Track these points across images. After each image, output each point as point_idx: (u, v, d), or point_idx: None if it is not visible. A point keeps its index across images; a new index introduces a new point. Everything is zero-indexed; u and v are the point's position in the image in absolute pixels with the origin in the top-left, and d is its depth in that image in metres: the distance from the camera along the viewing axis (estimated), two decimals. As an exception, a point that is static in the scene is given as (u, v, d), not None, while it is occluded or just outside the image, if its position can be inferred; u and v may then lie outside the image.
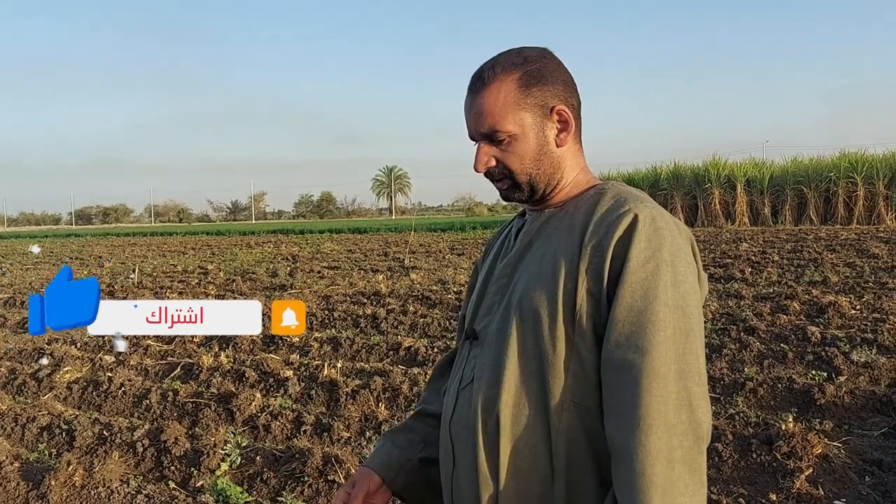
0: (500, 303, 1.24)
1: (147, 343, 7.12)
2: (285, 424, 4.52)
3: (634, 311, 1.08)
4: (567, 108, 1.23)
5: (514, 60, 1.23)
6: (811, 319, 6.97)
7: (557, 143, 1.24)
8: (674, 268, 1.10)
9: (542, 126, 1.22)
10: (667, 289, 1.08)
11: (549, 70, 1.23)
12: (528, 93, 1.21)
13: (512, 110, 1.20)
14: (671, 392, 1.04)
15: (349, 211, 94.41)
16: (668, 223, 1.14)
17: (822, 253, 13.09)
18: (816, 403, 4.52)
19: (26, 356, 6.89)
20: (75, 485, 3.64)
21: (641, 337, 1.06)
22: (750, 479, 3.61)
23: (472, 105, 1.23)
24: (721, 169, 25.94)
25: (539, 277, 1.18)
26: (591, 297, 1.12)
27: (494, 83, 1.21)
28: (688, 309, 1.10)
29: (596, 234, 1.13)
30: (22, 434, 4.64)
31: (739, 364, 5.53)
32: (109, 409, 5.22)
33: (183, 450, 4.07)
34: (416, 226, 28.54)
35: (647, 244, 1.10)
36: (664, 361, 1.05)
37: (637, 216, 1.12)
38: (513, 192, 1.26)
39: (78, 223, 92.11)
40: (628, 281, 1.09)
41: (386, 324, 7.68)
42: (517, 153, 1.22)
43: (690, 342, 1.08)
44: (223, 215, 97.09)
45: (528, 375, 1.16)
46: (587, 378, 1.13)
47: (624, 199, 1.17)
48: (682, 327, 1.08)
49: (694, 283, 1.13)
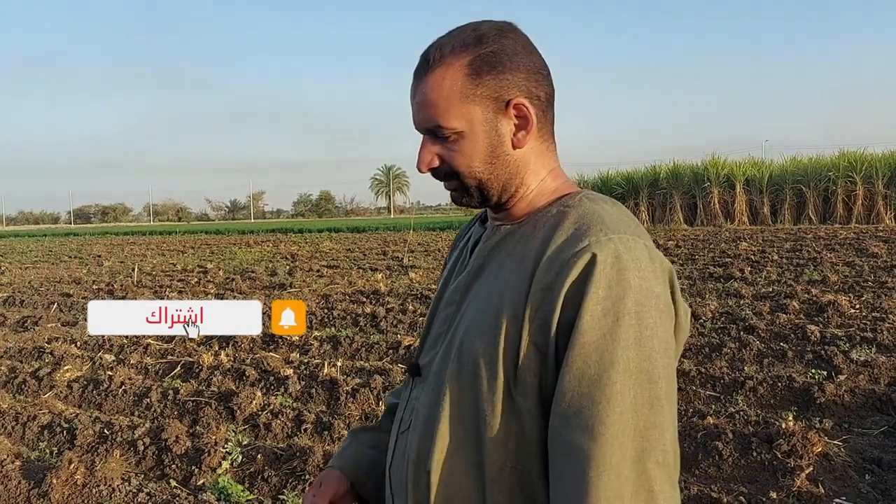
0: (445, 336, 1.07)
1: (147, 342, 7.12)
2: (286, 423, 4.52)
3: (586, 381, 0.89)
4: (528, 102, 1.02)
5: (465, 40, 1.01)
6: (811, 318, 6.98)
7: (514, 144, 1.04)
8: (639, 320, 0.90)
9: (495, 123, 1.02)
10: (627, 350, 0.89)
11: (508, 53, 1.01)
12: (479, 82, 1.00)
13: (458, 103, 1.00)
14: (626, 480, 0.87)
15: (348, 210, 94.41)
16: (638, 260, 0.93)
17: (822, 252, 13.11)
18: (816, 402, 4.53)
19: (26, 355, 6.89)
20: (77, 483, 3.64)
21: (592, 415, 0.88)
22: (750, 478, 3.61)
23: (416, 92, 1.04)
24: (720, 168, 25.97)
25: (482, 318, 0.99)
26: (538, 350, 0.93)
27: (440, 68, 1.01)
28: (654, 372, 0.90)
29: (547, 274, 0.93)
30: (23, 433, 4.64)
31: (739, 363, 5.54)
32: (110, 408, 5.22)
33: (184, 448, 4.07)
34: (414, 225, 28.53)
35: (607, 292, 0.90)
36: (619, 446, 0.87)
37: (595, 255, 0.91)
38: (461, 196, 1.08)
39: (77, 222, 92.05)
40: (580, 341, 0.89)
41: (385, 322, 7.68)
42: (464, 153, 1.03)
43: (655, 413, 0.90)
44: (222, 214, 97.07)
45: (464, 433, 1.00)
46: (530, 443, 0.96)
47: (585, 227, 0.95)
48: (646, 396, 0.89)
49: (666, 336, 0.94)
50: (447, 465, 1.01)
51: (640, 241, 0.96)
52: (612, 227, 0.95)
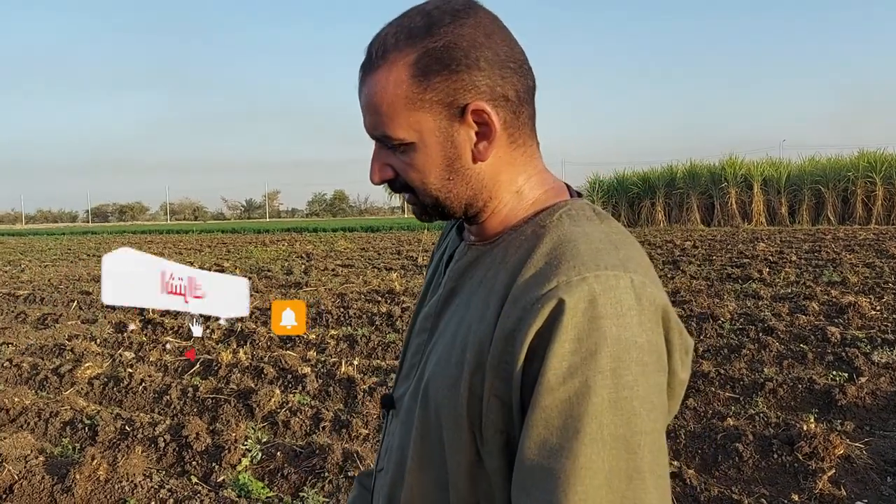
0: (417, 368, 0.95)
1: (166, 340, 7.18)
2: (304, 420, 4.55)
3: (546, 450, 0.74)
4: (490, 106, 0.84)
5: (412, 30, 0.84)
6: (831, 320, 6.92)
7: (475, 156, 0.87)
8: (616, 379, 0.74)
9: (449, 132, 0.85)
10: (599, 416, 0.73)
11: (463, 47, 0.82)
12: (428, 85, 0.83)
13: (404, 110, 0.84)
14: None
15: (362, 209, 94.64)
16: (619, 303, 0.76)
17: (841, 253, 12.99)
18: (837, 404, 4.49)
19: (47, 352, 6.97)
20: (99, 479, 3.68)
21: (553, 490, 0.73)
22: (771, 480, 3.59)
23: (360, 93, 0.88)
24: (737, 168, 25.83)
25: (446, 361, 0.87)
26: (501, 404, 0.80)
27: (383, 67, 0.84)
28: (634, 440, 0.74)
29: (508, 321, 0.79)
30: (45, 429, 4.70)
31: (758, 364, 5.51)
32: (130, 405, 5.27)
33: (204, 445, 4.10)
34: (428, 224, 28.55)
35: (575, 345, 0.74)
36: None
37: (563, 302, 0.75)
38: (421, 213, 0.93)
39: (94, 221, 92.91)
40: (541, 404, 0.74)
41: (401, 322, 7.70)
42: (416, 167, 0.87)
43: (634, 489, 0.74)
44: (238, 213, 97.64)
45: (433, 487, 0.88)
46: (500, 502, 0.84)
47: (557, 261, 0.79)
48: (622, 469, 0.74)
49: (650, 395, 0.77)
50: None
51: (626, 277, 0.78)
52: (590, 262, 0.78)
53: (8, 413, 4.95)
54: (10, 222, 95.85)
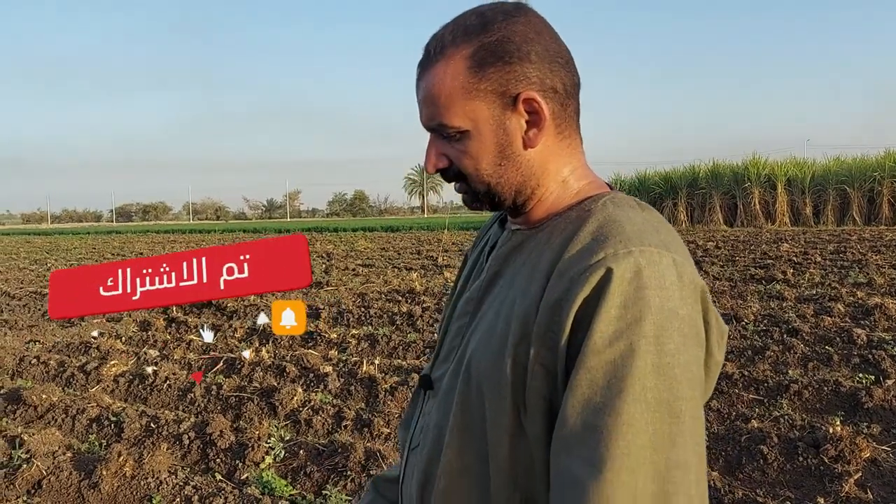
0: (457, 350, 0.99)
1: (190, 338, 7.25)
2: (326, 419, 4.57)
3: (591, 409, 0.78)
4: (540, 95, 0.91)
5: (468, 28, 0.91)
6: (857, 321, 6.83)
7: (526, 143, 0.93)
8: (659, 346, 0.78)
9: (502, 120, 0.92)
10: (643, 379, 0.77)
11: (516, 41, 0.89)
12: (483, 76, 0.90)
13: (461, 99, 0.91)
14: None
15: (382, 209, 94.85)
16: (662, 277, 0.81)
17: (867, 254, 12.81)
18: (864, 407, 4.43)
19: (73, 349, 7.08)
20: (126, 475, 3.73)
21: (595, 447, 0.77)
22: (796, 483, 3.56)
23: (418, 88, 0.95)
24: (761, 168, 25.54)
25: (491, 335, 0.91)
26: (546, 372, 0.84)
27: (441, 61, 0.91)
28: (676, 404, 0.78)
29: (556, 291, 0.83)
30: (72, 425, 4.77)
31: (783, 366, 5.45)
32: (155, 402, 5.33)
33: (228, 443, 4.14)
34: (448, 224, 28.56)
35: (621, 312, 0.79)
36: (626, 484, 0.76)
37: (611, 270, 0.80)
38: (472, 200, 0.99)
39: (118, 220, 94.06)
40: (587, 365, 0.79)
41: (422, 321, 7.71)
42: (471, 154, 0.94)
43: (679, 451, 0.77)
44: (259, 213, 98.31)
45: (472, 459, 0.92)
46: (539, 472, 0.87)
47: (604, 237, 0.84)
48: (666, 432, 0.77)
49: (691, 363, 0.81)
50: (452, 492, 0.94)
51: (668, 256, 0.83)
52: (636, 238, 0.84)
53: (36, 409, 5.03)
54: (36, 221, 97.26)
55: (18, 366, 6.41)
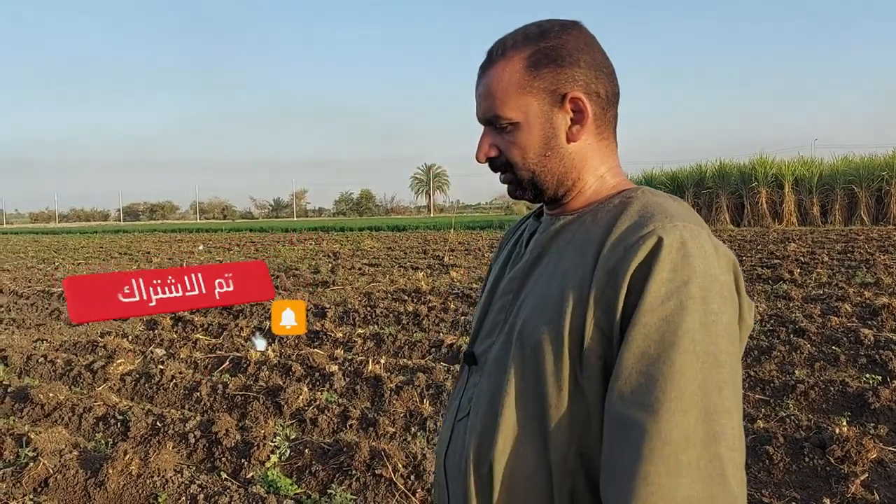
0: (503, 325, 1.09)
1: (196, 337, 7.28)
2: (332, 418, 4.58)
3: (646, 360, 0.89)
4: (585, 97, 1.04)
5: (528, 35, 1.05)
6: (864, 322, 6.80)
7: (569, 138, 1.05)
8: (704, 305, 0.90)
9: (550, 115, 1.04)
10: (692, 332, 0.89)
11: (568, 49, 1.03)
12: (537, 75, 1.03)
13: (515, 94, 1.04)
14: (689, 463, 0.86)
15: (388, 209, 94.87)
16: (703, 248, 0.93)
17: (874, 254, 12.75)
18: (870, 407, 4.41)
19: (81, 348, 7.11)
20: (132, 473, 3.74)
21: (651, 392, 0.88)
22: (802, 483, 3.54)
23: (478, 85, 1.09)
24: (768, 167, 25.44)
25: (545, 303, 1.01)
26: (602, 334, 0.94)
27: (501, 61, 1.05)
28: (721, 356, 0.90)
29: (611, 259, 0.95)
30: (79, 424, 4.79)
31: (789, 366, 5.43)
32: (161, 401, 5.35)
33: (233, 441, 4.15)
34: (455, 224, 28.55)
35: (671, 275, 0.90)
36: (680, 424, 0.86)
37: (661, 239, 0.92)
38: (516, 189, 1.11)
39: (126, 219, 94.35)
40: (641, 321, 0.90)
41: (427, 321, 7.71)
42: (519, 144, 1.06)
43: (724, 398, 0.89)
44: (266, 212, 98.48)
45: (528, 419, 1.00)
46: (595, 426, 0.96)
47: (650, 215, 0.97)
48: (713, 380, 0.88)
49: (731, 323, 0.93)
50: (511, 451, 1.01)
51: (705, 232, 0.96)
52: (678, 216, 0.97)
53: (43, 408, 5.06)
54: (44, 221, 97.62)
55: (26, 364, 6.44)
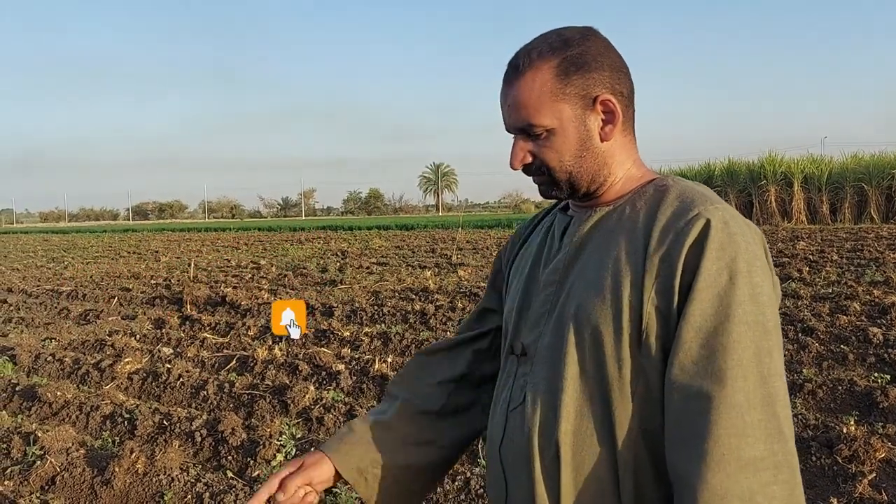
0: (551, 314, 1.12)
1: (203, 336, 7.30)
2: (338, 417, 4.58)
3: (705, 332, 0.96)
4: (613, 98, 1.09)
5: (552, 44, 1.09)
6: (873, 320, 6.75)
7: (602, 138, 1.11)
8: (751, 279, 0.97)
9: (583, 118, 1.09)
10: (744, 304, 0.96)
11: (592, 54, 1.09)
12: (568, 82, 1.08)
13: (549, 102, 1.08)
14: (753, 423, 0.93)
15: (396, 208, 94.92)
16: (742, 226, 1.01)
17: (884, 252, 12.67)
18: (879, 406, 4.38)
19: (89, 347, 7.14)
20: (138, 472, 3.76)
21: (714, 362, 0.95)
22: (809, 483, 3.52)
23: (507, 96, 1.12)
24: (777, 166, 25.31)
25: (598, 288, 1.05)
26: (660, 314, 1.00)
27: (530, 72, 1.08)
28: (768, 325, 0.97)
29: (663, 243, 1.01)
30: (86, 422, 4.81)
31: (797, 365, 5.40)
32: (168, 400, 5.37)
33: (240, 440, 4.16)
34: (463, 223, 28.55)
35: (721, 253, 0.97)
36: (741, 388, 0.93)
37: (710, 221, 0.99)
38: (550, 189, 1.15)
39: (135, 219, 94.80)
40: (699, 297, 0.97)
41: (435, 320, 7.71)
42: (555, 148, 1.10)
43: (774, 362, 0.97)
44: (274, 211, 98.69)
45: (590, 399, 1.05)
46: (656, 402, 1.02)
47: (691, 199, 1.04)
48: (765, 347, 0.96)
49: (771, 293, 1.01)
50: (575, 433, 1.05)
51: (738, 214, 1.04)
52: (714, 199, 1.05)
53: (51, 406, 5.09)
54: (54, 220, 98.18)
55: (34, 363, 6.48)
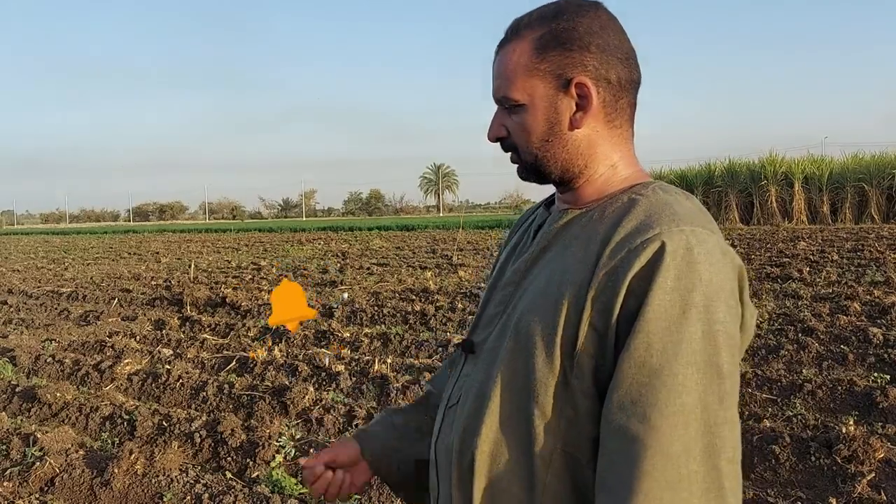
0: (502, 315, 1.06)
1: (203, 337, 7.30)
2: (337, 418, 4.59)
3: (647, 370, 0.87)
4: (592, 82, 0.99)
5: (543, 14, 1.02)
6: (873, 321, 6.75)
7: (573, 124, 1.01)
8: (708, 315, 0.87)
9: (555, 100, 1.01)
10: (695, 342, 0.86)
11: (581, 31, 0.99)
12: (544, 57, 1.00)
13: (522, 76, 1.01)
14: (690, 476, 0.85)
15: (397, 208, 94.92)
16: (710, 253, 0.90)
17: (885, 252, 12.66)
18: (878, 407, 4.38)
19: (89, 348, 7.14)
20: (137, 473, 3.76)
21: (650, 404, 0.85)
22: (808, 483, 3.52)
23: (494, 63, 1.07)
24: (778, 166, 25.28)
25: (542, 298, 0.98)
26: (596, 333, 0.92)
27: (514, 41, 1.03)
28: (723, 368, 0.88)
29: (613, 259, 0.91)
30: (86, 423, 4.81)
31: (797, 365, 5.40)
32: (168, 401, 5.37)
33: (239, 441, 4.16)
34: (463, 223, 28.55)
35: (675, 283, 0.87)
36: (681, 437, 0.84)
37: (665, 245, 0.89)
38: (521, 171, 1.08)
39: (135, 220, 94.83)
40: (644, 329, 0.87)
41: (435, 320, 7.71)
42: (524, 127, 1.03)
43: (725, 409, 0.87)
44: (275, 212, 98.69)
45: (514, 411, 0.98)
46: (581, 426, 0.94)
47: (657, 216, 0.93)
48: (715, 392, 0.87)
49: (734, 333, 0.91)
50: (495, 442, 1.00)
51: (714, 236, 0.93)
52: (685, 219, 0.92)
53: (50, 407, 5.09)
54: (54, 221, 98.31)
55: (34, 364, 6.48)
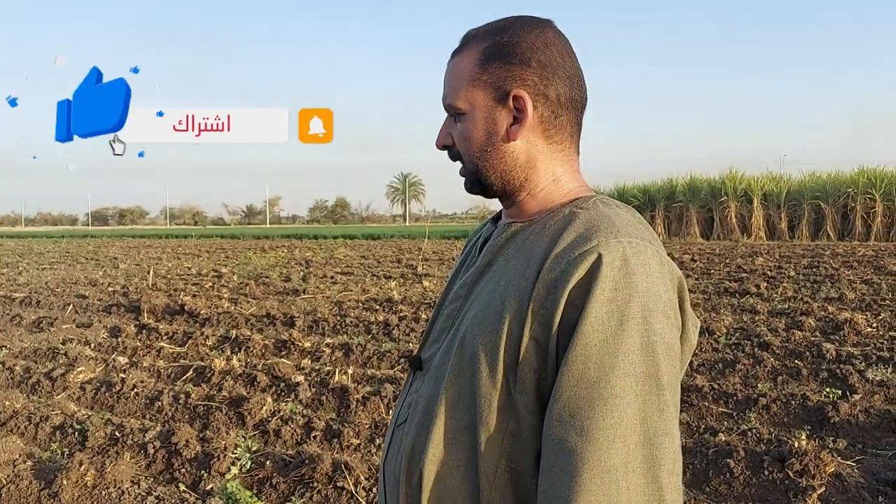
0: (450, 330, 1.06)
1: (160, 345, 7.16)
2: (296, 430, 4.53)
3: (584, 383, 0.86)
4: (529, 96, 1.01)
5: (491, 28, 1.05)
6: (826, 336, 6.90)
7: (509, 136, 1.03)
8: (646, 325, 0.88)
9: (493, 111, 1.03)
10: (632, 354, 0.86)
11: (524, 46, 1.02)
12: (486, 68, 1.02)
13: (466, 85, 1.04)
14: (629, 489, 0.84)
15: (363, 217, 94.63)
16: (647, 265, 0.91)
17: (839, 269, 12.99)
18: (830, 421, 4.47)
19: (41, 355, 6.96)
20: (87, 485, 3.66)
21: (588, 417, 0.85)
22: (761, 497, 3.57)
23: (445, 71, 1.10)
24: (738, 182, 25.86)
25: (486, 312, 0.98)
26: (538, 346, 0.92)
27: (463, 51, 1.06)
28: (662, 379, 0.88)
29: (552, 272, 0.92)
30: (35, 433, 4.68)
31: (753, 380, 5.49)
32: (122, 410, 5.25)
33: (194, 452, 4.08)
34: (429, 233, 28.57)
35: (612, 294, 0.87)
36: (620, 450, 0.84)
37: (601, 256, 0.89)
38: (467, 183, 1.10)
39: (94, 224, 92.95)
40: (581, 342, 0.87)
41: (398, 331, 7.68)
42: (465, 136, 1.06)
43: (665, 421, 0.87)
44: (238, 219, 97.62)
45: (459, 429, 0.98)
46: (525, 440, 0.94)
47: (595, 229, 0.94)
48: (655, 403, 0.87)
49: (673, 343, 0.91)
50: (441, 461, 0.99)
51: (651, 247, 0.93)
52: (623, 231, 0.93)
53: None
54: (9, 224, 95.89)
55: (-17, 372, 6.28)
